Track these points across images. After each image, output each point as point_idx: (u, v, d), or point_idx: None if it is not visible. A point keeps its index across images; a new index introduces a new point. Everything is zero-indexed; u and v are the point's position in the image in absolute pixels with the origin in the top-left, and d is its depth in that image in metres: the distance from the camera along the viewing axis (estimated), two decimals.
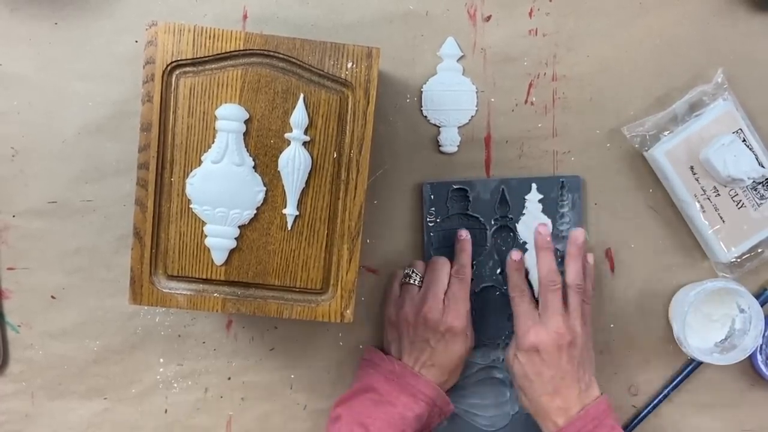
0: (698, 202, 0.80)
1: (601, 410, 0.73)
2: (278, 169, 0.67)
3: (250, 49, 0.65)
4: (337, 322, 0.69)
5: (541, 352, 0.74)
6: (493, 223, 0.81)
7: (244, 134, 0.66)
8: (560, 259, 0.81)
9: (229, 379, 0.83)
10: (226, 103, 0.66)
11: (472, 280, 0.79)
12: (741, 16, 0.81)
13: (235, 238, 0.67)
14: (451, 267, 0.78)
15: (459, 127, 0.81)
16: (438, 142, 0.81)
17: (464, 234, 0.80)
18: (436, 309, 0.76)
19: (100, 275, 0.81)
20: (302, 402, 0.83)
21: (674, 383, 0.83)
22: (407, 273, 0.79)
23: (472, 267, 0.80)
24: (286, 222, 0.68)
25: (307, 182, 0.67)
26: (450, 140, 0.81)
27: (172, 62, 0.65)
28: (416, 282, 0.78)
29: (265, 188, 0.67)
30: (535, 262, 0.79)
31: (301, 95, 0.66)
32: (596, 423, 0.72)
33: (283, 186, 0.67)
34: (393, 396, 0.74)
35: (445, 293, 0.77)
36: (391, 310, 0.79)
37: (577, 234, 0.78)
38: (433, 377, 0.75)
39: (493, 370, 0.82)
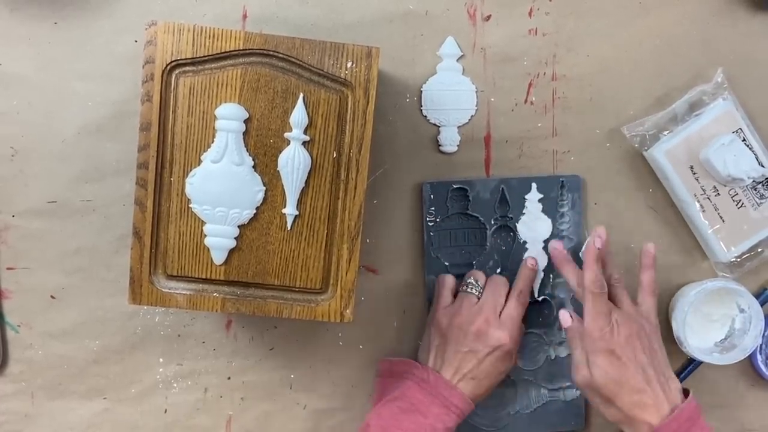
0: (698, 201, 0.80)
1: (693, 408, 0.71)
2: (278, 168, 0.67)
3: (249, 49, 0.65)
4: (337, 322, 0.69)
5: (616, 350, 0.72)
6: (493, 222, 0.81)
7: (244, 134, 0.66)
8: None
9: (229, 379, 0.83)
10: (225, 102, 0.66)
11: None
12: (741, 16, 0.81)
13: (235, 238, 0.67)
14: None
15: (459, 127, 0.81)
16: (438, 141, 0.81)
17: (533, 263, 0.80)
18: (493, 323, 0.75)
19: (100, 275, 0.81)
20: (302, 402, 0.83)
21: None
22: (469, 282, 0.78)
23: (473, 266, 0.80)
24: (286, 222, 0.68)
25: (307, 182, 0.67)
26: (450, 140, 0.81)
27: (171, 62, 0.65)
28: (477, 292, 0.78)
29: (264, 188, 0.67)
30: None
31: (301, 95, 0.66)
32: (690, 424, 0.70)
33: (282, 186, 0.67)
34: (425, 406, 0.73)
35: (501, 311, 0.77)
36: (441, 316, 0.77)
37: (592, 243, 0.75)
38: (469, 390, 0.74)
39: None
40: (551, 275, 0.81)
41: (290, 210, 0.67)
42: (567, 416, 0.83)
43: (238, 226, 0.67)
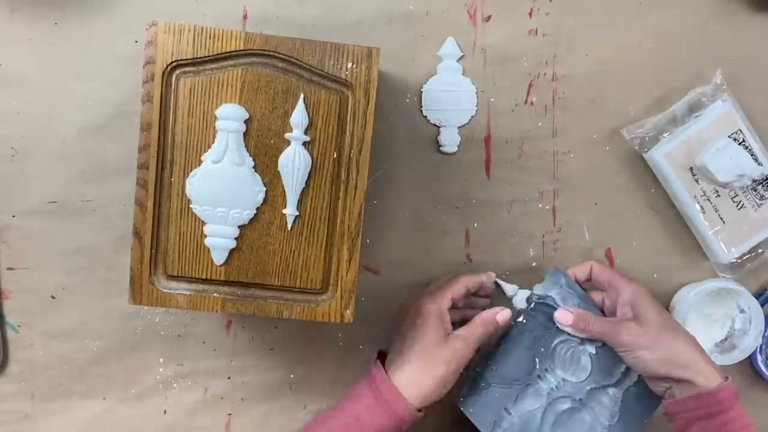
0: (698, 203, 0.80)
1: (734, 392, 0.70)
2: (278, 169, 0.67)
3: (250, 49, 0.65)
4: (337, 322, 0.69)
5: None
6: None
7: (244, 134, 0.66)
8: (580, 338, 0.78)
9: (229, 379, 0.83)
10: (226, 103, 0.66)
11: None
12: (741, 16, 0.81)
13: (235, 238, 0.67)
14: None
15: (459, 127, 0.81)
16: (438, 142, 0.81)
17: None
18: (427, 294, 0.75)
19: (100, 275, 0.81)
20: (302, 402, 0.83)
21: None
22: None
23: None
24: (286, 222, 0.68)
25: (307, 182, 0.67)
26: (450, 140, 0.81)
27: (172, 62, 0.65)
28: None
29: (265, 188, 0.67)
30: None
31: (301, 95, 0.66)
32: (732, 402, 0.69)
33: (283, 186, 0.67)
34: (363, 405, 0.71)
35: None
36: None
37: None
38: (405, 382, 0.71)
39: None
40: None
41: (290, 210, 0.67)
42: (648, 396, 0.77)
43: (239, 227, 0.67)
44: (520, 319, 0.78)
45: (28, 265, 0.81)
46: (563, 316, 0.76)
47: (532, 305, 0.78)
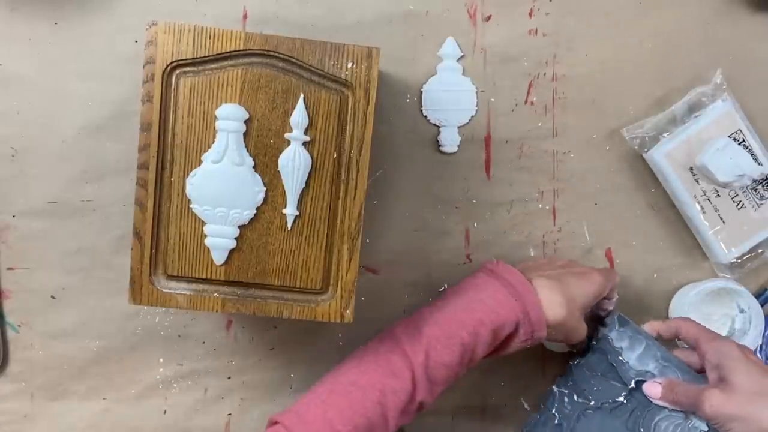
0: (698, 203, 0.80)
1: None
2: (278, 169, 0.67)
3: (250, 49, 0.65)
4: (337, 322, 0.69)
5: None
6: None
7: (244, 134, 0.66)
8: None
9: (229, 378, 0.83)
10: (226, 102, 0.66)
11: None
12: (741, 16, 0.81)
13: (235, 238, 0.67)
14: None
15: (459, 127, 0.81)
16: (438, 142, 0.81)
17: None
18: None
19: (100, 275, 0.81)
20: None
21: None
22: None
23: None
24: (286, 222, 0.67)
25: (307, 182, 0.67)
26: (450, 140, 0.81)
27: (172, 62, 0.65)
28: None
29: (265, 188, 0.67)
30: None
31: (301, 95, 0.66)
32: None
33: (283, 186, 0.67)
34: (485, 284, 0.69)
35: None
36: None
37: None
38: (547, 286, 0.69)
39: None
40: None
41: (290, 210, 0.67)
42: None
43: (239, 227, 0.67)
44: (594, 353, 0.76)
45: (28, 265, 0.81)
46: (652, 389, 0.69)
47: (632, 384, 0.70)
